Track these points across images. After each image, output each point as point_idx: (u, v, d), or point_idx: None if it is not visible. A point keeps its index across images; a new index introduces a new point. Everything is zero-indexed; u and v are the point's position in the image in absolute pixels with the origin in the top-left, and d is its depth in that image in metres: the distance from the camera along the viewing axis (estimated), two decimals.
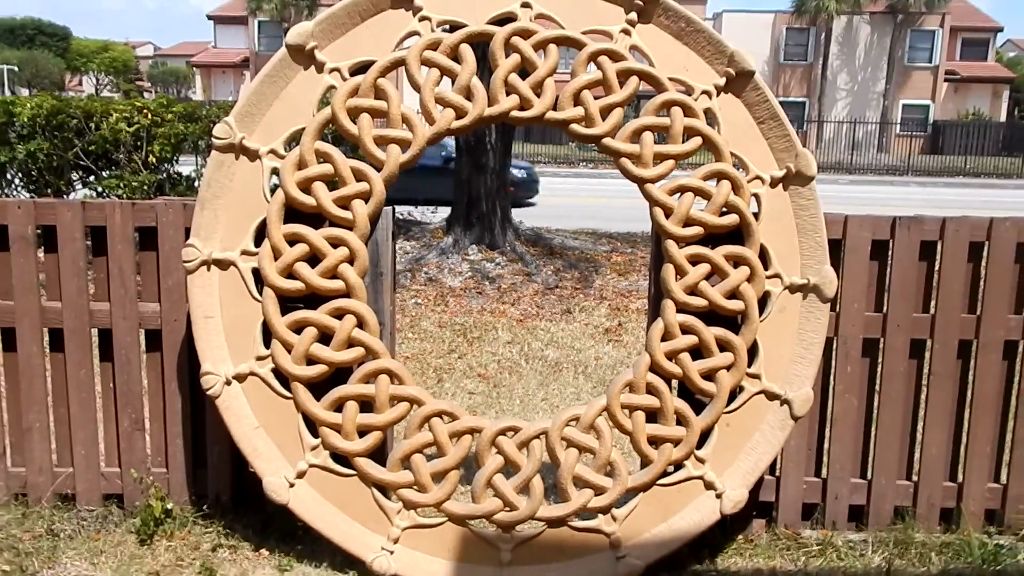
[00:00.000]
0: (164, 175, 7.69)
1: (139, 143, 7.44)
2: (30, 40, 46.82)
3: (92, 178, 7.64)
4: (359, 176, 2.89)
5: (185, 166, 8.08)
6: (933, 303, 3.18)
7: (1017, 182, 25.51)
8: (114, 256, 3.13)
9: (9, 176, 7.65)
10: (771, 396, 2.96)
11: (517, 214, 9.85)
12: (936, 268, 3.16)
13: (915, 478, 3.26)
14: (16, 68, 41.30)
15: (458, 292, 7.69)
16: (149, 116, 7.44)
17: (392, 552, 2.88)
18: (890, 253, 3.15)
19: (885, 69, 37.30)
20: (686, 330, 2.91)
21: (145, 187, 7.23)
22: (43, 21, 49.01)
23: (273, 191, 2.91)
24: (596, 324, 6.68)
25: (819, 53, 37.27)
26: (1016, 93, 40.50)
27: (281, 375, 2.89)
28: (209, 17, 45.50)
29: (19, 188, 7.75)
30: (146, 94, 42.04)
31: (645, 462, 2.94)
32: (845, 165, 27.98)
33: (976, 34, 40.16)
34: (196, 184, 7.74)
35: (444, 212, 10.14)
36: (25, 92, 36.25)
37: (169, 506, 3.14)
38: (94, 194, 7.56)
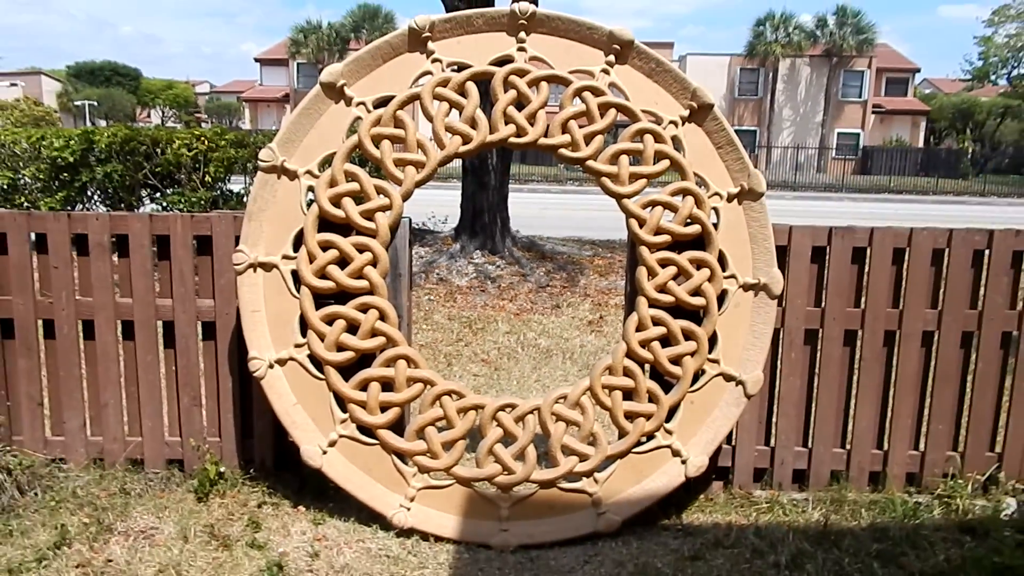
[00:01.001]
0: (218, 192, 7.67)
1: (197, 165, 7.42)
2: (107, 80, 46.71)
3: (158, 195, 7.63)
4: (381, 192, 2.88)
5: (236, 185, 8.04)
6: (863, 299, 3.17)
7: (933, 198, 25.44)
8: (176, 260, 3.11)
9: (89, 193, 7.67)
10: (728, 378, 2.95)
11: (516, 222, 9.80)
12: (866, 270, 3.16)
13: (848, 446, 3.25)
14: (96, 103, 41.22)
15: (464, 290, 7.67)
16: (206, 143, 7.43)
17: (409, 509, 2.87)
18: (827, 257, 3.14)
19: (822, 103, 37.22)
20: (657, 322, 2.91)
21: (202, 202, 7.23)
22: (118, 64, 48.86)
23: (309, 205, 2.90)
24: (581, 317, 6.66)
25: (767, 89, 37.19)
26: (932, 123, 40.42)
27: (315, 360, 2.88)
28: (256, 60, 45.36)
29: (97, 203, 7.77)
30: (203, 124, 41.94)
31: (622, 433, 2.93)
32: (790, 184, 27.85)
33: (898, 74, 40.10)
34: (245, 200, 7.71)
35: (453, 223, 10.10)
36: (102, 123, 36.15)
37: (222, 469, 3.13)
38: (159, 208, 7.54)
